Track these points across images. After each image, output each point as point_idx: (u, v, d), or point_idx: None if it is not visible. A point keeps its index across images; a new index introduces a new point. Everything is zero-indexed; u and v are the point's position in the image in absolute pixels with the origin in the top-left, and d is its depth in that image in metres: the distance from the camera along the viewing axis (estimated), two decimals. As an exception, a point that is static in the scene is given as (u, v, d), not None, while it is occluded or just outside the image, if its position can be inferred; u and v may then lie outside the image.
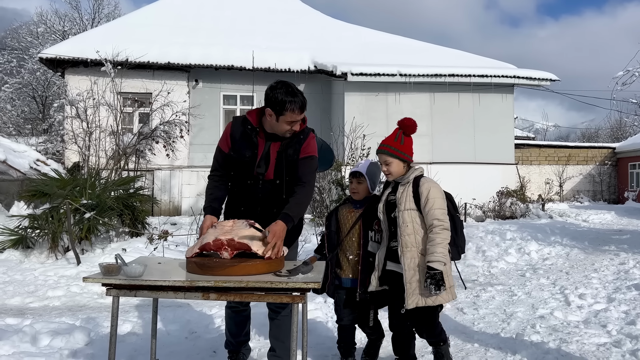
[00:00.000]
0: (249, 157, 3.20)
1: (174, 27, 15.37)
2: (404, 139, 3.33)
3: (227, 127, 3.33)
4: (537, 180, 18.57)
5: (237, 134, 3.24)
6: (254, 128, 3.21)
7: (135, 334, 4.32)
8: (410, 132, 3.35)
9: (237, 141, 3.23)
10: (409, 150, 3.35)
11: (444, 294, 3.13)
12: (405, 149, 3.33)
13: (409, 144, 3.35)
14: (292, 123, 3.11)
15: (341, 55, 14.60)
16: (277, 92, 3.09)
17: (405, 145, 3.33)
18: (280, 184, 3.19)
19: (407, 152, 3.34)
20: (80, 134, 11.63)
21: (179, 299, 3.75)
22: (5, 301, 5.62)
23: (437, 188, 3.22)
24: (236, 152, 3.23)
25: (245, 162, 3.21)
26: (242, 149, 3.21)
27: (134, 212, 8.63)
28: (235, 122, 3.30)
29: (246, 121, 3.24)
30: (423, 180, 3.25)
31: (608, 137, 36.52)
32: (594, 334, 4.25)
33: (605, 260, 7.55)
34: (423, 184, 3.22)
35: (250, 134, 3.20)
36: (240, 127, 3.24)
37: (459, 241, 3.29)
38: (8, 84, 27.60)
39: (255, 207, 3.24)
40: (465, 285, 5.06)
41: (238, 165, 3.24)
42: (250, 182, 3.23)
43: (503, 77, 14.31)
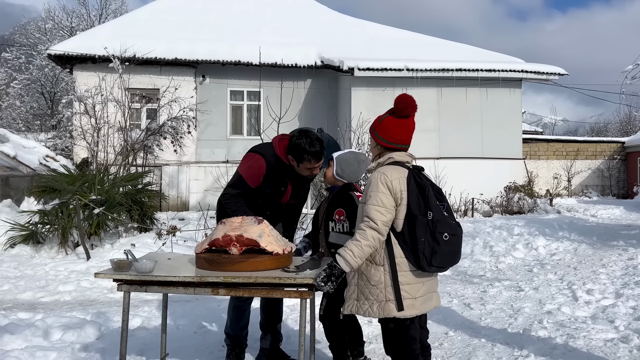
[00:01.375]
0: (280, 192, 3.46)
1: (181, 22, 15.39)
2: (384, 118, 2.82)
3: (259, 166, 3.38)
4: (545, 175, 18.47)
5: (274, 174, 3.40)
6: (290, 169, 3.43)
7: (145, 328, 4.37)
8: (399, 111, 2.77)
9: (272, 180, 3.40)
10: (384, 132, 2.79)
11: (374, 307, 2.66)
12: (379, 129, 2.81)
13: (389, 126, 2.79)
14: (312, 169, 3.40)
15: (348, 50, 14.56)
16: (298, 141, 3.32)
17: (381, 126, 2.80)
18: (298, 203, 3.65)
19: (381, 134, 2.80)
20: (89, 130, 11.70)
21: (188, 294, 3.79)
22: (17, 296, 5.70)
23: (379, 179, 2.66)
24: (269, 189, 3.42)
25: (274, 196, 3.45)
26: (277, 186, 3.43)
27: (142, 207, 8.70)
28: (270, 163, 3.39)
29: (282, 164, 3.42)
30: (375, 171, 2.75)
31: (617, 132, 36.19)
32: (602, 329, 4.25)
33: (614, 256, 7.52)
34: (372, 175, 2.74)
35: (286, 175, 3.44)
36: (277, 168, 3.41)
37: (419, 247, 2.62)
38: (17, 80, 27.77)
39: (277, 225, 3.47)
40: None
41: (265, 197, 3.43)
42: (271, 213, 3.44)
43: (511, 72, 14.22)
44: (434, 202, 2.67)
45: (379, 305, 2.66)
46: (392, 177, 2.65)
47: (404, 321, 2.71)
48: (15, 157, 10.27)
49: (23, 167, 10.07)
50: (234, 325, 3.59)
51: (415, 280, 2.68)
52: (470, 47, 17.27)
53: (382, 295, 2.65)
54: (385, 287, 2.65)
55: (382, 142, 2.79)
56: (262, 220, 3.00)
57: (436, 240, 2.61)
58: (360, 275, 2.73)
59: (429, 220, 2.63)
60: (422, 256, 2.62)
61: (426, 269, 2.65)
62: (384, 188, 2.63)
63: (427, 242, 2.61)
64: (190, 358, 3.71)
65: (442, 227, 2.63)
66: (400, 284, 2.65)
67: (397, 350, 2.77)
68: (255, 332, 3.89)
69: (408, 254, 2.65)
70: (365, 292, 2.71)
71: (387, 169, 2.69)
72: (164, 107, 12.92)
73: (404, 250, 2.66)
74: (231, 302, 3.60)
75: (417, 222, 2.62)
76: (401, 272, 2.65)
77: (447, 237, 2.62)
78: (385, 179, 2.64)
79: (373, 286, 2.68)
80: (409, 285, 2.66)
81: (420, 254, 2.62)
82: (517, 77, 14.45)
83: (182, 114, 12.85)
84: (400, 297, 2.63)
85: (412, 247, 2.64)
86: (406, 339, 2.74)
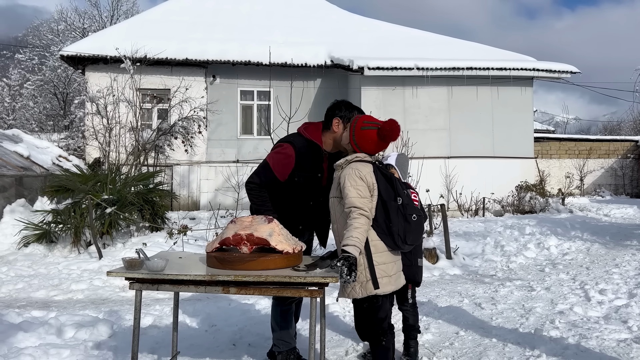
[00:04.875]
0: (316, 179, 3.31)
1: (191, 23, 15.47)
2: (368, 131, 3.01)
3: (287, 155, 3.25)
4: (557, 174, 18.30)
5: (305, 159, 3.26)
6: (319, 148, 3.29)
7: (157, 326, 4.40)
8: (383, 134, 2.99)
9: (304, 166, 3.26)
10: (361, 141, 3.02)
11: (357, 288, 2.92)
12: (358, 136, 3.02)
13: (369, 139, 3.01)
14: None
15: (358, 50, 14.53)
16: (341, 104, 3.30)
17: (362, 135, 3.01)
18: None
19: (358, 141, 3.03)
20: (101, 130, 11.79)
21: (199, 293, 3.81)
22: (31, 294, 5.77)
23: (354, 174, 2.92)
24: (303, 177, 3.27)
25: (309, 185, 3.30)
26: (311, 173, 3.29)
27: (153, 207, 8.75)
28: (300, 149, 3.26)
29: (314, 146, 3.28)
30: (347, 166, 2.99)
31: (631, 130, 35.72)
32: (615, 329, 4.21)
33: (627, 255, 7.44)
34: (344, 170, 2.99)
35: (321, 157, 3.30)
36: (308, 151, 3.27)
37: (394, 229, 2.94)
38: (30, 81, 28.07)
39: (315, 222, 3.44)
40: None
41: (300, 189, 3.30)
42: (313, 203, 3.34)
43: (522, 70, 14.10)
44: (401, 189, 3.05)
45: (361, 286, 2.93)
46: (364, 172, 2.96)
47: (376, 301, 3.00)
48: (28, 157, 10.39)
49: (36, 167, 10.18)
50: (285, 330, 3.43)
51: (389, 259, 3.00)
52: (481, 46, 17.16)
53: (363, 276, 2.92)
54: (365, 268, 2.92)
55: (355, 146, 3.07)
56: (272, 220, 3.01)
57: (407, 221, 2.99)
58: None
59: (399, 205, 2.99)
60: (397, 236, 2.96)
61: (401, 247, 3.01)
62: (360, 182, 2.93)
63: (400, 224, 2.97)
64: (202, 356, 3.73)
65: (410, 209, 3.02)
66: (377, 263, 2.94)
67: (369, 328, 3.07)
68: (266, 331, 3.91)
69: (383, 237, 2.97)
70: None
71: (358, 165, 2.99)
72: (174, 107, 12.99)
73: (378, 234, 2.96)
74: (276, 309, 3.45)
75: (390, 207, 2.97)
76: (377, 253, 2.95)
77: (415, 217, 3.02)
78: (359, 174, 2.94)
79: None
80: (385, 265, 2.97)
81: (395, 234, 2.96)
82: (528, 75, 14.33)
83: (192, 114, 12.92)
84: (376, 276, 2.93)
85: (387, 230, 2.96)
86: (377, 317, 3.04)
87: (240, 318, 4.63)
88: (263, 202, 3.26)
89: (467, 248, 7.99)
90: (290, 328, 3.50)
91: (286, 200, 3.32)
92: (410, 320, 3.73)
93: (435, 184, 12.64)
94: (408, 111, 13.74)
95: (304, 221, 3.40)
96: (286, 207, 3.33)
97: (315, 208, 3.36)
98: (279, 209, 3.31)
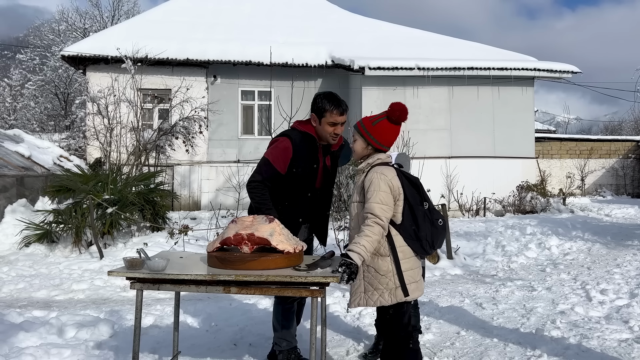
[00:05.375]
0: (313, 170, 3.35)
1: (192, 23, 15.47)
2: (379, 122, 3.01)
3: (284, 147, 3.30)
4: (558, 174, 18.28)
5: (301, 150, 3.31)
6: (315, 140, 3.35)
7: (158, 326, 4.40)
8: (393, 117, 2.99)
9: (301, 158, 3.31)
10: (378, 135, 2.99)
11: (385, 295, 2.89)
12: (374, 132, 2.99)
13: (384, 129, 2.99)
14: (334, 125, 3.29)
15: (358, 50, 14.53)
16: (320, 96, 3.33)
17: (376, 128, 2.99)
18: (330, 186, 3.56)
19: (375, 136, 2.99)
20: (102, 130, 11.80)
21: (200, 293, 3.81)
22: (32, 294, 5.78)
23: (380, 178, 2.88)
24: (301, 168, 3.31)
25: (307, 176, 3.34)
26: (308, 164, 3.33)
27: (154, 207, 8.75)
28: (295, 140, 3.32)
29: (310, 138, 3.34)
30: (371, 170, 2.95)
31: (632, 130, 35.65)
32: (616, 329, 4.21)
33: (628, 255, 7.43)
34: (369, 174, 2.94)
35: (314, 147, 3.35)
36: (303, 143, 3.32)
37: (422, 234, 2.92)
38: (31, 81, 28.10)
39: (314, 215, 3.47)
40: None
41: (299, 180, 3.34)
42: (310, 195, 3.38)
43: (523, 70, 14.08)
44: (426, 195, 3.03)
45: (390, 293, 2.90)
46: (390, 176, 2.91)
47: (401, 307, 2.99)
48: (29, 157, 10.40)
49: (37, 167, 10.19)
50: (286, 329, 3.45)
51: (415, 265, 3.00)
52: (482, 46, 17.15)
53: (392, 282, 2.90)
54: (394, 275, 2.90)
55: (376, 144, 3.00)
56: (273, 219, 3.01)
57: (434, 225, 2.97)
58: (367, 268, 2.93)
59: (426, 209, 2.97)
60: (425, 241, 2.94)
61: (429, 252, 3.00)
62: (386, 187, 2.87)
63: (427, 229, 2.94)
64: (203, 356, 3.73)
65: (436, 214, 3.01)
66: (405, 270, 2.92)
67: (395, 334, 3.04)
68: (267, 331, 3.91)
69: (410, 242, 2.93)
70: (374, 282, 2.93)
71: (384, 169, 2.93)
72: (175, 107, 12.99)
73: (405, 239, 2.93)
74: (278, 308, 3.47)
75: (417, 211, 2.93)
76: (405, 259, 2.93)
77: (441, 222, 3.00)
78: (385, 179, 2.88)
79: (382, 276, 2.91)
80: (412, 271, 2.96)
81: (423, 240, 2.94)
82: (529, 75, 14.32)
83: (193, 114, 12.91)
84: (405, 283, 2.91)
85: (415, 235, 2.93)
86: (402, 322, 3.03)
87: (241, 318, 4.63)
88: (264, 200, 3.27)
89: (468, 248, 7.99)
90: (292, 327, 3.50)
91: (286, 193, 3.35)
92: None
93: (436, 184, 12.63)
94: (409, 111, 13.71)
95: (303, 213, 3.42)
96: (286, 200, 3.36)
97: (312, 199, 3.41)
98: (279, 203, 3.33)
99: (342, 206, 10.43)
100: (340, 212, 9.96)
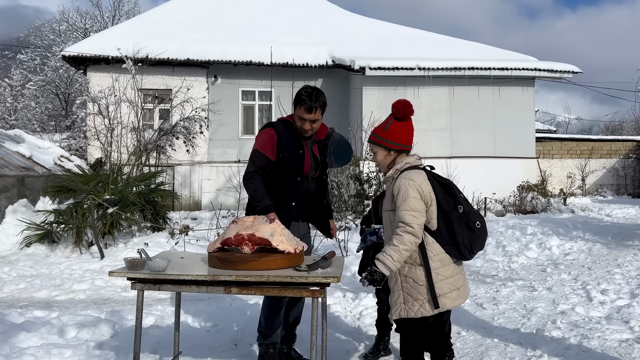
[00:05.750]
0: (299, 155, 3.45)
1: (193, 23, 15.47)
2: (390, 125, 2.95)
3: (269, 135, 3.46)
4: (558, 174, 18.26)
5: (285, 137, 3.45)
6: (296, 129, 3.47)
7: (158, 326, 4.41)
8: (399, 115, 2.94)
9: (285, 143, 3.44)
10: (395, 136, 2.93)
11: (426, 306, 2.78)
12: (389, 135, 2.93)
13: (398, 130, 2.94)
14: (302, 120, 3.40)
15: (359, 50, 14.53)
16: (301, 90, 3.44)
17: (390, 132, 2.93)
18: (319, 177, 3.61)
19: (392, 139, 2.93)
20: (102, 130, 11.80)
21: (201, 293, 3.82)
22: (33, 294, 5.78)
23: (408, 185, 2.79)
24: (289, 151, 3.43)
25: (294, 161, 3.43)
26: (293, 149, 3.44)
27: (155, 207, 8.76)
28: (278, 128, 3.49)
29: (290, 124, 3.48)
30: (400, 176, 2.86)
31: (632, 130, 35.65)
32: (616, 329, 4.21)
33: (629, 256, 7.43)
34: (397, 181, 2.85)
35: (295, 134, 3.47)
36: (286, 131, 3.47)
37: (459, 239, 2.80)
38: (32, 81, 28.12)
39: (306, 201, 3.53)
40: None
41: (286, 165, 3.44)
42: (300, 179, 3.46)
43: (524, 70, 14.08)
44: (461, 196, 2.89)
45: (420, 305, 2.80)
46: (419, 181, 2.80)
47: (442, 315, 2.87)
48: (30, 157, 10.40)
49: (38, 167, 10.20)
50: (269, 324, 3.51)
51: (456, 271, 2.87)
52: (482, 46, 17.14)
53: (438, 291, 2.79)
54: (421, 285, 2.80)
55: (396, 146, 2.93)
56: (273, 220, 3.02)
57: (472, 229, 2.82)
58: (405, 278, 2.85)
59: (461, 214, 2.83)
60: (463, 247, 2.81)
61: (467, 257, 2.86)
62: (415, 193, 2.77)
63: (464, 234, 2.80)
64: (203, 356, 3.73)
65: (473, 217, 2.85)
66: (445, 277, 2.81)
67: (434, 343, 2.93)
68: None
69: (448, 248, 2.81)
70: (414, 293, 2.82)
71: (412, 174, 2.83)
72: (176, 108, 13.00)
73: (443, 246, 2.81)
74: (266, 301, 3.55)
75: (452, 217, 2.80)
76: (444, 267, 2.81)
77: (479, 225, 2.85)
78: (414, 184, 2.78)
79: (421, 286, 2.81)
80: (452, 278, 2.84)
81: (461, 245, 2.80)
82: (530, 75, 14.31)
83: (194, 114, 12.92)
84: (436, 293, 2.78)
85: (451, 240, 2.81)
86: (443, 331, 2.93)
87: (242, 318, 4.63)
88: (258, 188, 3.37)
89: (468, 248, 7.98)
90: (275, 323, 3.53)
91: (276, 179, 3.45)
92: None
93: (437, 184, 12.61)
94: (409, 111, 13.73)
95: (295, 197, 3.48)
96: (275, 185, 3.45)
97: (303, 185, 3.49)
98: (269, 188, 3.43)
99: (343, 206, 10.44)
100: (340, 212, 9.97)
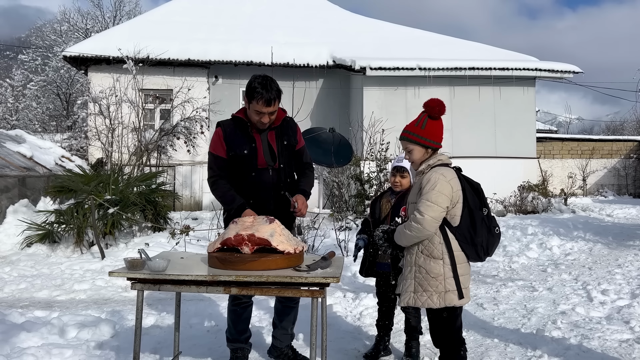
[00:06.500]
0: (250, 150, 3.34)
1: (194, 23, 15.49)
2: (426, 123, 3.01)
3: (217, 135, 3.40)
4: (559, 175, 18.25)
5: (231, 135, 3.36)
6: (246, 123, 3.37)
7: (159, 326, 4.41)
8: (435, 114, 3.02)
9: (233, 141, 3.35)
10: (432, 135, 3.01)
11: (434, 298, 2.84)
12: (426, 133, 3.00)
13: (433, 128, 3.02)
14: (260, 114, 3.26)
15: (360, 50, 14.53)
16: (252, 82, 3.25)
17: (427, 130, 3.00)
18: (284, 168, 3.41)
19: (430, 137, 3.00)
20: (103, 130, 11.82)
21: (201, 293, 3.82)
22: (34, 294, 5.79)
23: (438, 178, 2.84)
24: (236, 149, 3.34)
25: (246, 157, 3.33)
26: (242, 145, 3.34)
27: (156, 207, 8.77)
28: (224, 126, 3.42)
29: (237, 119, 3.40)
30: (431, 170, 2.94)
31: (633, 130, 35.64)
32: (617, 330, 4.21)
33: (630, 256, 7.42)
34: (427, 174, 2.93)
35: (245, 129, 3.36)
36: (233, 127, 3.39)
37: (478, 239, 2.87)
38: (33, 81, 28.16)
39: (265, 195, 3.37)
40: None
41: (239, 162, 3.35)
42: (255, 174, 3.35)
43: (525, 70, 14.07)
44: (486, 201, 2.98)
45: (439, 296, 2.85)
46: (449, 178, 2.88)
47: (455, 310, 2.94)
48: (31, 157, 10.41)
49: (39, 167, 10.21)
50: (230, 329, 3.52)
51: (467, 271, 2.96)
52: (483, 46, 17.14)
53: (442, 286, 2.85)
54: (445, 278, 2.85)
55: (433, 144, 3.01)
56: (273, 220, 3.02)
57: (492, 233, 2.92)
58: (419, 268, 2.91)
59: (484, 215, 2.91)
60: (480, 247, 2.89)
61: (482, 258, 2.95)
62: (442, 187, 2.82)
63: (483, 235, 2.88)
64: (203, 356, 3.74)
65: (494, 222, 2.96)
66: (460, 274, 2.87)
67: (448, 338, 2.99)
68: (268, 331, 3.91)
69: (466, 247, 2.88)
70: (424, 284, 2.88)
71: (444, 171, 2.91)
72: (177, 108, 13.01)
73: (461, 244, 2.88)
74: (228, 305, 3.52)
75: (476, 216, 2.88)
76: (459, 265, 2.88)
77: (498, 231, 2.96)
78: (444, 179, 2.85)
79: (433, 278, 2.86)
80: (464, 276, 2.91)
81: (479, 245, 2.88)
82: (531, 75, 14.31)
83: (195, 114, 12.93)
84: (461, 287, 2.86)
85: (471, 240, 2.88)
86: (456, 326, 2.98)
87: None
88: (225, 190, 3.33)
89: (469, 248, 7.98)
90: (237, 327, 3.48)
91: (232, 177, 3.39)
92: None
93: (438, 184, 12.61)
94: (410, 111, 13.71)
95: (252, 193, 3.35)
96: (234, 183, 3.38)
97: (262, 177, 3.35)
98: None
99: (343, 206, 10.44)
100: (341, 212, 9.96)
